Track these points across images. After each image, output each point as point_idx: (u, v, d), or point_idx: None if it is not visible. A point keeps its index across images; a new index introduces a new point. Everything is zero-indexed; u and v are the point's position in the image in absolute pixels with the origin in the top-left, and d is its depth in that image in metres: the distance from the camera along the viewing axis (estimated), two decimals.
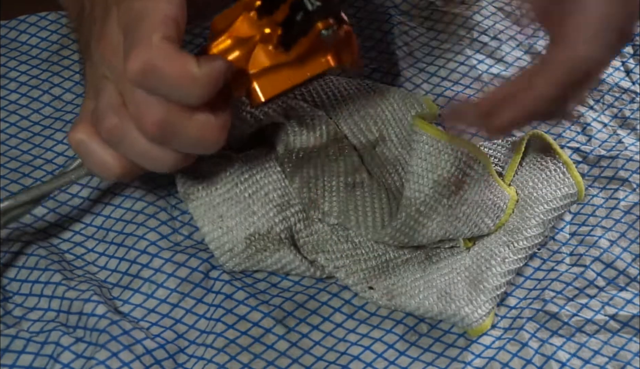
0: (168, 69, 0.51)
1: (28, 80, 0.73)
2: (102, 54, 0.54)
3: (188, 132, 0.53)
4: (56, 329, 0.58)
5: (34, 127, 0.70)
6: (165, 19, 0.52)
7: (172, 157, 0.55)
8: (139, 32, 0.51)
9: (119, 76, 0.53)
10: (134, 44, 0.51)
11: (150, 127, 0.53)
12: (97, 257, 0.63)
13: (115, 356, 0.57)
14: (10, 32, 0.76)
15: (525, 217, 0.62)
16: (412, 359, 0.59)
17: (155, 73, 0.51)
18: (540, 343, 0.59)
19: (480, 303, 0.59)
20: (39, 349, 0.58)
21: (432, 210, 0.59)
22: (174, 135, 0.53)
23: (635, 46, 0.77)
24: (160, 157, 0.55)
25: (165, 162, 0.55)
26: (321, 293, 0.62)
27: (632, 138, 0.71)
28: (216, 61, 0.53)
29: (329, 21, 0.54)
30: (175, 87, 0.52)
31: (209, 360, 0.58)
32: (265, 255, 0.62)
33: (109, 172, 0.56)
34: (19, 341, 0.58)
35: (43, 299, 0.60)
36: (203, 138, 0.54)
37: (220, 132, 0.54)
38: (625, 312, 0.61)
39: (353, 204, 0.61)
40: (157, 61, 0.51)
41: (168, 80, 0.51)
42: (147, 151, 0.54)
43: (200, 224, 0.62)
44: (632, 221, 0.66)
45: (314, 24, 0.54)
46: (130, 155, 0.55)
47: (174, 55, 0.51)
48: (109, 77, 0.54)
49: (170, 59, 0.51)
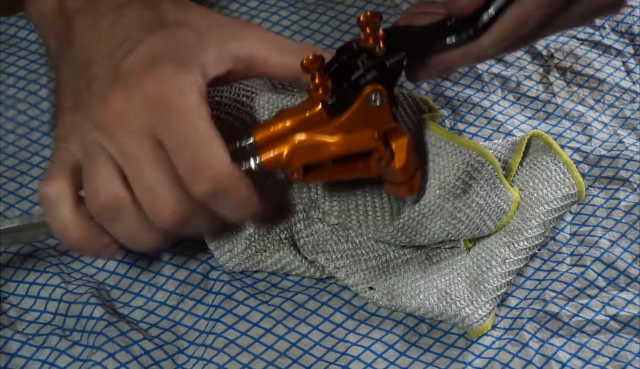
0: (237, 195, 0.53)
1: (26, 75, 0.73)
2: (103, 123, 0.53)
3: (202, 226, 0.55)
4: (53, 334, 0.58)
5: (31, 122, 0.70)
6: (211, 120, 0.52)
7: (160, 239, 0.55)
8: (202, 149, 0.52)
9: (128, 158, 0.52)
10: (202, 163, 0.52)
11: (170, 217, 0.53)
12: (94, 259, 0.62)
13: (112, 356, 0.57)
14: (10, 28, 0.76)
15: (526, 218, 0.62)
16: (412, 360, 0.59)
17: (224, 194, 0.53)
18: (540, 343, 0.59)
19: (481, 303, 0.59)
20: (33, 353, 0.58)
21: (435, 213, 0.59)
22: (187, 227, 0.54)
23: (636, 46, 0.77)
24: (150, 240, 0.55)
25: (151, 243, 0.55)
26: (321, 293, 0.62)
27: (632, 138, 0.71)
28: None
29: (377, 86, 0.54)
30: (235, 208, 0.54)
31: (209, 360, 0.58)
32: (265, 255, 0.61)
33: (68, 239, 0.55)
34: (14, 343, 0.58)
35: (39, 301, 0.60)
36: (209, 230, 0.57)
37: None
38: (625, 312, 0.61)
39: (354, 204, 0.61)
40: (230, 186, 0.53)
41: (232, 202, 0.53)
42: (141, 232, 0.54)
43: None
44: (632, 221, 0.66)
45: (363, 88, 0.54)
46: (118, 234, 0.55)
47: (243, 181, 0.53)
48: (106, 148, 0.53)
49: (240, 184, 0.53)
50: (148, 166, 0.52)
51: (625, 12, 0.79)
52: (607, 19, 0.79)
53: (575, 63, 0.76)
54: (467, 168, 0.58)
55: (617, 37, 0.78)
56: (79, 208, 0.54)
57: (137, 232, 0.54)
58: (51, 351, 0.58)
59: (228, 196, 0.53)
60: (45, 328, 0.59)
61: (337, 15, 0.78)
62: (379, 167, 0.56)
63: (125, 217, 0.53)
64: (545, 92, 0.74)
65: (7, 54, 0.74)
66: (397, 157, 0.56)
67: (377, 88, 0.54)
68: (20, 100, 0.71)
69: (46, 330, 0.59)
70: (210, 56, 0.54)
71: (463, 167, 0.58)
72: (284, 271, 0.62)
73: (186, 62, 0.53)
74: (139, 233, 0.54)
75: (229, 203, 0.54)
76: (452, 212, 0.59)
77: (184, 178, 0.52)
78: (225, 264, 0.62)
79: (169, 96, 0.52)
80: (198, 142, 0.52)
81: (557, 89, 0.74)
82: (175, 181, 0.52)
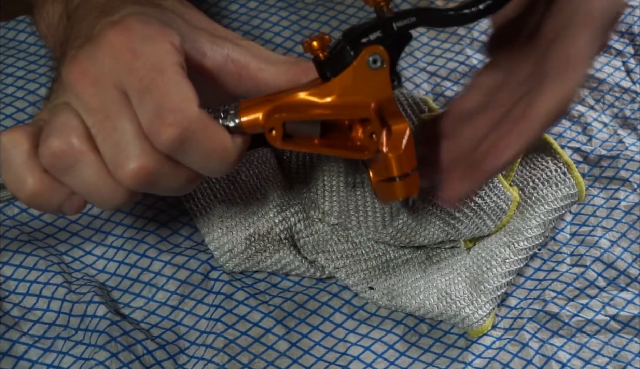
0: (206, 142, 0.50)
1: (25, 74, 0.73)
2: (70, 80, 0.51)
3: (171, 183, 0.51)
4: (60, 337, 0.58)
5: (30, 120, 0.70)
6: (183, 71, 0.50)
7: (125, 196, 0.52)
8: (169, 94, 0.49)
9: (91, 110, 0.50)
10: (168, 108, 0.49)
11: (134, 171, 0.50)
12: (95, 260, 0.62)
13: (115, 356, 0.57)
14: (9, 32, 0.76)
15: (526, 218, 0.62)
16: (412, 360, 0.59)
17: (192, 143, 0.49)
18: (540, 343, 0.59)
19: (481, 303, 0.59)
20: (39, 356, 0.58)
21: (434, 214, 0.59)
22: (154, 185, 0.51)
23: (636, 46, 0.77)
24: (111, 196, 0.51)
25: (114, 200, 0.52)
26: (321, 293, 0.62)
27: (632, 138, 0.71)
28: (246, 138, 0.51)
29: (379, 48, 0.50)
30: (207, 159, 0.50)
31: (209, 360, 0.58)
32: (265, 255, 0.61)
33: (22, 191, 0.52)
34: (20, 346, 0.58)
35: (42, 299, 0.60)
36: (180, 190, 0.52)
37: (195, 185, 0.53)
38: (625, 312, 0.61)
39: (354, 204, 0.61)
40: (197, 132, 0.49)
41: (203, 152, 0.50)
42: (100, 186, 0.51)
43: (200, 224, 0.61)
44: (632, 221, 0.66)
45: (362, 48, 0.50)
46: (74, 185, 0.51)
47: (213, 128, 0.50)
48: (71, 104, 0.51)
49: (209, 131, 0.50)
50: (111, 116, 0.50)
51: (625, 12, 0.79)
52: None
53: None
54: None
55: (617, 37, 0.78)
56: (34, 157, 0.51)
57: (96, 187, 0.51)
58: (57, 354, 0.58)
59: (196, 144, 0.49)
60: (52, 329, 0.59)
61: (337, 15, 0.78)
62: (370, 145, 0.51)
63: (81, 168, 0.50)
64: None
65: (6, 56, 0.74)
66: (392, 142, 0.51)
67: (379, 49, 0.50)
68: (18, 98, 0.71)
69: (53, 333, 0.59)
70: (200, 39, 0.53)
71: None
72: (284, 271, 0.62)
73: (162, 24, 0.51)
74: (99, 187, 0.51)
75: (197, 153, 0.50)
76: (451, 212, 0.59)
77: (147, 127, 0.49)
78: (225, 264, 0.62)
79: (135, 43, 0.49)
80: (163, 86, 0.49)
81: None
82: (140, 132, 0.49)
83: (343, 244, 0.62)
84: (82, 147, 0.50)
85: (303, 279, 0.62)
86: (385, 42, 0.50)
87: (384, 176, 0.52)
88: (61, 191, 0.52)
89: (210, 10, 0.78)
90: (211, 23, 0.56)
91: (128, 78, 0.49)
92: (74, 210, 0.53)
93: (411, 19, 0.51)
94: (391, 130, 0.51)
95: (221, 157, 0.50)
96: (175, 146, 0.49)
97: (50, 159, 0.51)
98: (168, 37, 0.50)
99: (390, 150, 0.51)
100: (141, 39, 0.50)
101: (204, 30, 0.54)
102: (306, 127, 0.51)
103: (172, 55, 0.50)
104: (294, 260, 0.61)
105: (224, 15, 0.78)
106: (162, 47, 0.50)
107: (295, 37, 0.76)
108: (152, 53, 0.49)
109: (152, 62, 0.49)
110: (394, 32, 0.51)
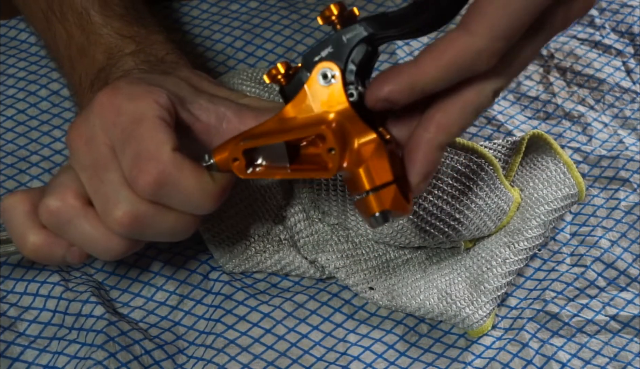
0: (184, 181, 0.51)
1: (26, 76, 0.73)
2: (69, 143, 0.54)
3: (161, 226, 0.53)
4: (55, 338, 0.58)
5: (30, 122, 0.70)
6: (162, 123, 0.52)
7: (121, 245, 0.54)
8: (144, 141, 0.51)
9: (84, 167, 0.53)
10: (143, 155, 0.51)
11: (122, 219, 0.52)
12: (94, 259, 0.62)
13: (113, 356, 0.57)
14: (10, 31, 0.76)
15: (526, 218, 0.62)
16: (412, 360, 0.59)
17: (170, 185, 0.51)
18: (540, 343, 0.59)
19: (482, 303, 0.59)
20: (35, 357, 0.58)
21: (433, 215, 0.59)
22: (144, 229, 0.53)
23: (636, 46, 0.77)
24: (110, 246, 0.54)
25: (113, 250, 0.54)
26: (321, 293, 0.62)
27: (632, 138, 0.71)
28: (228, 174, 0.53)
29: (329, 63, 0.50)
30: (188, 197, 0.52)
31: (209, 360, 0.58)
32: (265, 256, 0.61)
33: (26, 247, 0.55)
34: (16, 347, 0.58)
35: (39, 298, 0.60)
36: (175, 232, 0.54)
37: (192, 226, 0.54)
38: (625, 312, 0.61)
39: (354, 204, 0.61)
40: (172, 174, 0.51)
41: (183, 192, 0.52)
42: (97, 237, 0.54)
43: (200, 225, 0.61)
44: (632, 221, 0.66)
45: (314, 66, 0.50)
46: (73, 238, 0.54)
47: (188, 168, 0.51)
48: (73, 166, 0.54)
49: (185, 171, 0.51)
50: (100, 169, 0.52)
51: (625, 12, 0.79)
52: (607, 19, 0.79)
53: (576, 63, 0.76)
54: (464, 170, 0.58)
55: (617, 37, 0.78)
56: (33, 216, 0.55)
57: (91, 238, 0.54)
58: (53, 354, 0.58)
59: (174, 186, 0.51)
60: (48, 329, 0.59)
61: None
62: (330, 162, 0.50)
63: (77, 222, 0.53)
64: (546, 92, 0.74)
65: (7, 56, 0.74)
66: (355, 156, 0.50)
67: (329, 65, 0.50)
68: (19, 100, 0.71)
69: (49, 333, 0.59)
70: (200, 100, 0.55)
71: (461, 170, 0.58)
72: (284, 271, 0.62)
73: (149, 84, 0.54)
74: (94, 238, 0.54)
75: (178, 194, 0.52)
76: (452, 213, 0.59)
77: (128, 175, 0.52)
78: (225, 265, 0.62)
79: (120, 101, 0.52)
80: (139, 136, 0.51)
81: (557, 89, 0.74)
82: (124, 181, 0.52)
83: (343, 244, 0.62)
84: (76, 204, 0.54)
85: (303, 279, 0.62)
86: (337, 57, 0.50)
87: (357, 190, 0.51)
88: (61, 244, 0.55)
89: (211, 10, 0.78)
90: (217, 87, 0.59)
91: (113, 132, 0.52)
92: (77, 260, 0.56)
93: (358, 28, 0.50)
94: (356, 144, 0.50)
95: (202, 194, 0.52)
96: (155, 191, 0.51)
97: (48, 217, 0.54)
98: (153, 95, 0.52)
99: (355, 164, 0.50)
100: (126, 98, 0.53)
101: (205, 93, 0.56)
102: (274, 155, 0.52)
103: (152, 109, 0.52)
104: (293, 260, 0.61)
105: (224, 15, 0.78)
106: (144, 104, 0.52)
107: (296, 37, 0.76)
108: (134, 109, 0.52)
109: (133, 116, 0.52)
110: (344, 44, 0.50)
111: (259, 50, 0.75)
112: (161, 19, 0.75)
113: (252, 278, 0.62)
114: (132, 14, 0.63)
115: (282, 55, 0.75)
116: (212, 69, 0.74)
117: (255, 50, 0.75)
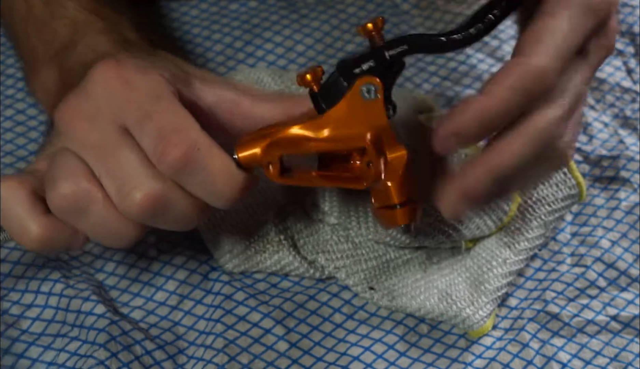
0: (211, 162, 0.49)
1: None
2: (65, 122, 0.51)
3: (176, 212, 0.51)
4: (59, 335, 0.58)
5: (30, 122, 0.70)
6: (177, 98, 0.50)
7: (133, 231, 0.52)
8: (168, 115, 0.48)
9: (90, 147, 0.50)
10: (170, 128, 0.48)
11: (142, 201, 0.49)
12: (94, 259, 0.62)
13: (115, 356, 0.57)
14: None
15: (527, 219, 0.62)
16: (412, 360, 0.59)
17: (198, 163, 0.49)
18: (541, 343, 0.59)
19: (482, 304, 0.59)
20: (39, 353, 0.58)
21: (433, 216, 0.58)
22: (164, 212, 0.50)
23: (636, 46, 0.77)
24: (122, 232, 0.51)
25: (124, 236, 0.52)
26: (321, 293, 0.62)
27: (633, 138, 0.71)
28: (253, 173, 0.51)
29: (372, 78, 0.50)
30: (213, 181, 0.50)
31: (209, 361, 0.58)
32: (265, 256, 0.61)
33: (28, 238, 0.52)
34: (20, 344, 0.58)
35: (40, 295, 0.60)
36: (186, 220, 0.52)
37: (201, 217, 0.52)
38: (626, 313, 0.61)
39: (353, 204, 0.61)
40: (202, 150, 0.49)
41: (208, 173, 0.49)
42: (109, 223, 0.51)
43: (199, 225, 0.61)
44: (633, 222, 0.66)
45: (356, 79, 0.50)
46: (85, 225, 0.51)
47: (217, 149, 0.50)
48: (69, 147, 0.51)
49: (214, 150, 0.49)
50: (112, 149, 0.49)
51: (625, 12, 0.79)
52: None
53: None
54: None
55: (617, 37, 0.78)
56: (34, 203, 0.51)
57: (104, 225, 0.51)
58: (57, 351, 0.57)
59: (201, 164, 0.49)
60: (51, 326, 0.59)
61: (337, 14, 0.78)
62: (368, 174, 0.52)
63: (92, 207, 0.50)
64: None
65: (6, 56, 0.74)
66: (390, 170, 0.51)
67: (372, 79, 0.50)
68: (19, 100, 0.71)
69: (52, 330, 0.58)
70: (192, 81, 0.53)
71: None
72: (283, 271, 0.62)
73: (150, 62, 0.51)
74: (108, 225, 0.51)
75: (203, 174, 0.49)
76: None
77: (152, 151, 0.49)
78: (224, 265, 0.62)
79: (128, 74, 0.49)
80: (162, 111, 0.49)
81: None
82: (144, 160, 0.49)
83: (343, 244, 0.61)
84: (91, 187, 0.50)
85: (303, 279, 0.62)
86: (378, 72, 0.51)
87: (385, 203, 0.52)
88: (66, 232, 0.52)
89: (210, 9, 0.78)
90: (202, 71, 0.56)
91: (126, 108, 0.49)
92: (80, 245, 0.53)
93: (403, 47, 0.51)
94: (388, 158, 0.51)
95: (226, 181, 0.50)
96: (182, 166, 0.49)
97: (62, 204, 0.50)
98: (158, 70, 0.50)
99: (388, 178, 0.51)
100: (134, 71, 0.50)
101: (194, 75, 0.54)
102: (303, 160, 0.52)
103: (166, 84, 0.50)
104: (293, 261, 0.61)
105: (223, 14, 0.78)
106: (155, 78, 0.50)
107: (296, 37, 0.76)
108: (146, 82, 0.49)
109: (148, 90, 0.49)
110: (387, 60, 0.51)
111: (258, 50, 0.75)
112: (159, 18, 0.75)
113: (252, 278, 0.62)
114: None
115: (282, 55, 0.75)
116: (212, 69, 0.74)
117: (255, 51, 0.75)
